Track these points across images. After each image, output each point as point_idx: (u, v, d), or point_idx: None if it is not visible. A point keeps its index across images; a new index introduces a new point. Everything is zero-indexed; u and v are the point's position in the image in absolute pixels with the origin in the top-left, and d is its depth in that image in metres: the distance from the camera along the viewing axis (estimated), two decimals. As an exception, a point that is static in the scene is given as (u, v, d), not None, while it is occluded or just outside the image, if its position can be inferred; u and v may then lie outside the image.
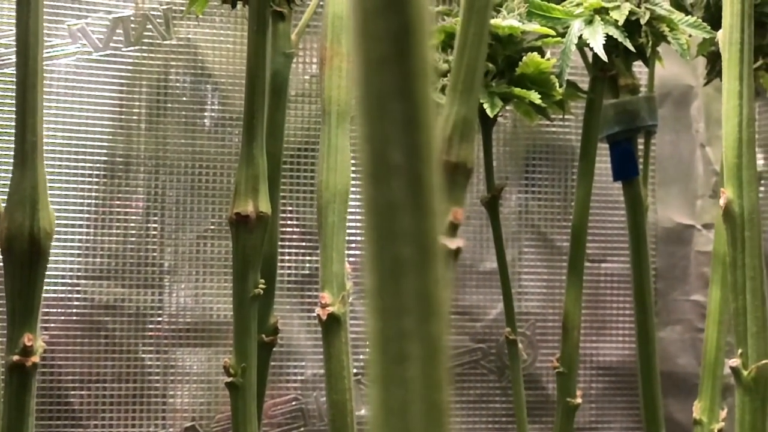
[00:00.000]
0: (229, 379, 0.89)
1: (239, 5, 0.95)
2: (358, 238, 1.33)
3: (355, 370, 1.31)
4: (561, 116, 1.06)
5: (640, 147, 1.17)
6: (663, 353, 1.43)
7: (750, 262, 0.71)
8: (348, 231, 0.84)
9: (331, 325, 0.75)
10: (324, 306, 0.75)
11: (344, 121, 0.79)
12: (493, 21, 0.92)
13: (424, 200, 0.27)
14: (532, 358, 1.40)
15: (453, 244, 0.55)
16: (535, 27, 0.93)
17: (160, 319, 1.28)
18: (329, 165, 0.78)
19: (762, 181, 1.50)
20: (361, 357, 1.29)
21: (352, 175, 0.87)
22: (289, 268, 1.32)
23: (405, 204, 0.27)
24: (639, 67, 1.04)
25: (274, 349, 1.03)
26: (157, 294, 1.28)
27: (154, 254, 1.29)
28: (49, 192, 1.18)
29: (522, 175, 1.41)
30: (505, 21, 0.92)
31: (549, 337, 1.38)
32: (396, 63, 0.27)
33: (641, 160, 1.16)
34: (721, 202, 0.72)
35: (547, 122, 1.05)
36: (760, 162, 1.49)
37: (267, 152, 0.97)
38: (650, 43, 0.96)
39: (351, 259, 0.88)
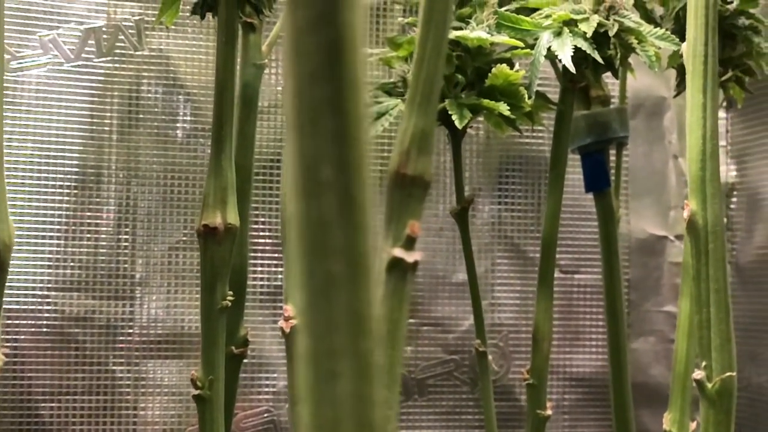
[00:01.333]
0: (197, 392, 0.89)
1: (209, 16, 0.95)
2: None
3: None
4: (533, 128, 1.06)
5: (613, 158, 1.17)
6: (636, 364, 1.43)
7: (714, 274, 0.71)
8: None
9: (295, 338, 0.75)
10: (287, 319, 0.75)
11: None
12: (461, 32, 0.92)
13: (356, 216, 0.27)
14: (505, 370, 1.40)
15: (410, 257, 0.55)
16: (503, 39, 0.93)
17: (131, 330, 1.28)
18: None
19: (735, 192, 1.50)
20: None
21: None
22: (261, 279, 1.31)
23: (336, 220, 0.27)
24: (612, 79, 1.04)
25: (246, 360, 1.02)
26: (128, 306, 1.28)
27: (125, 266, 1.28)
28: (19, 203, 1.17)
29: (495, 187, 1.41)
30: (474, 33, 0.92)
31: (522, 348, 1.38)
32: (327, 78, 0.27)
33: (613, 171, 1.16)
34: (685, 214, 0.72)
35: (521, 133, 1.05)
36: (732, 174, 1.50)
37: (237, 164, 0.97)
38: (619, 55, 0.96)
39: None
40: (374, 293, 0.28)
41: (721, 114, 1.49)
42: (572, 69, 0.92)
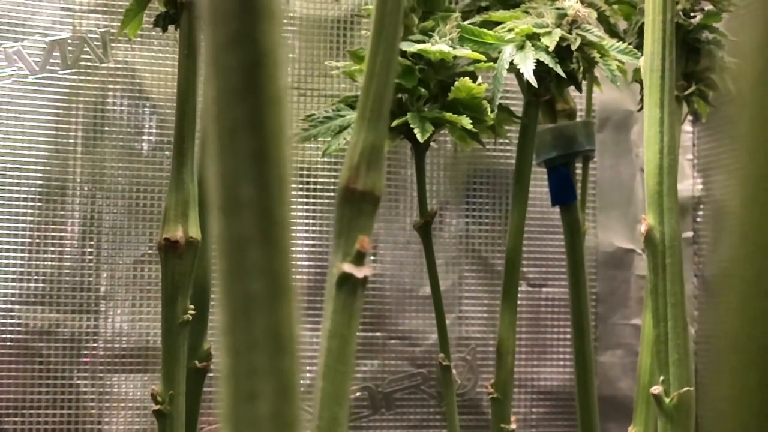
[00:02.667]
0: (157, 407, 0.89)
1: (171, 28, 0.95)
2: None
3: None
4: (501, 141, 1.06)
5: (581, 172, 1.17)
6: (603, 377, 1.43)
7: (671, 288, 0.71)
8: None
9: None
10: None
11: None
12: (423, 46, 0.92)
13: (275, 235, 0.27)
14: (473, 383, 1.39)
15: (360, 272, 0.54)
16: (466, 52, 0.93)
17: (95, 344, 1.27)
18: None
19: (701, 206, 1.50)
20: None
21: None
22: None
23: (255, 239, 0.27)
24: (579, 92, 1.05)
25: (211, 374, 1.02)
26: (93, 319, 1.27)
27: (90, 279, 1.27)
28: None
29: (463, 200, 1.41)
30: (436, 46, 0.92)
31: (490, 361, 1.38)
32: (247, 96, 0.27)
33: (580, 184, 1.16)
34: (642, 229, 0.72)
35: (488, 147, 1.05)
36: (699, 187, 1.50)
37: (201, 177, 0.97)
38: (581, 68, 0.96)
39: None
40: (295, 312, 0.27)
41: (688, 128, 1.49)
42: (534, 82, 0.92)
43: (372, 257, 1.38)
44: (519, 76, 1.02)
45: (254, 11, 0.27)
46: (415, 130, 0.91)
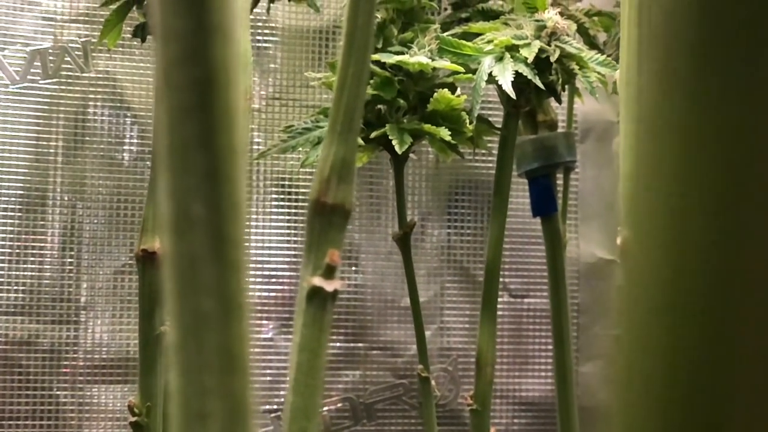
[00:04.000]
0: (134, 419, 0.88)
1: (150, 39, 0.94)
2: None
3: (275, 407, 1.30)
4: (483, 152, 1.06)
5: (562, 183, 1.17)
6: (585, 388, 1.43)
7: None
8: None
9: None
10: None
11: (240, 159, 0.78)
12: (401, 57, 0.92)
13: (228, 253, 0.27)
14: (454, 394, 1.39)
15: (330, 286, 0.54)
16: (444, 64, 0.93)
17: (75, 355, 1.27)
18: (224, 203, 0.77)
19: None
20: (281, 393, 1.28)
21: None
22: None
23: (206, 257, 0.27)
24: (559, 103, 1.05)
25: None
26: (73, 330, 1.26)
27: (70, 290, 1.27)
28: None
29: (445, 211, 1.41)
30: (414, 57, 0.92)
31: (471, 372, 1.37)
32: (198, 113, 0.27)
33: (561, 195, 1.16)
34: (618, 240, 0.72)
35: (470, 158, 1.05)
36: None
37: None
38: (561, 80, 0.96)
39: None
40: (247, 331, 0.27)
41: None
42: (512, 94, 0.92)
43: (353, 268, 1.37)
44: (499, 87, 1.02)
45: (206, 28, 0.27)
46: (394, 142, 0.91)
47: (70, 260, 1.27)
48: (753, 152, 0.16)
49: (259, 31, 1.36)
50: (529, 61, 0.93)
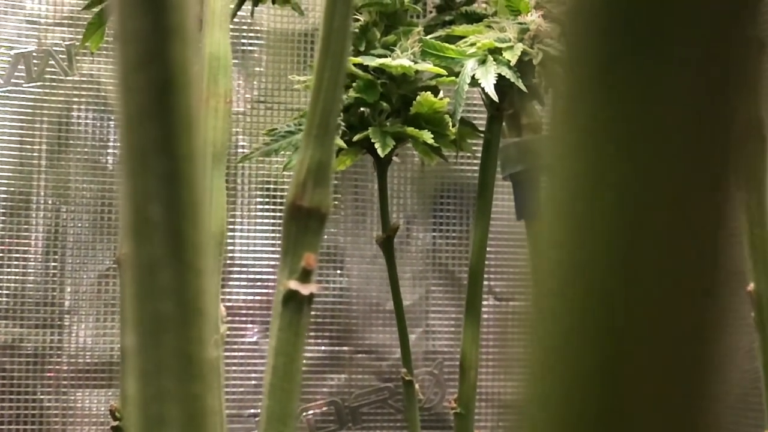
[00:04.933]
0: (115, 423, 0.88)
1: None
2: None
3: (259, 410, 1.30)
4: (467, 155, 1.06)
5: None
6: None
7: None
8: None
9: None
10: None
11: (220, 162, 0.78)
12: (384, 60, 0.92)
13: (187, 256, 0.27)
14: (440, 397, 1.39)
15: (306, 289, 0.54)
16: (427, 66, 0.92)
17: (59, 359, 1.26)
18: (204, 206, 0.77)
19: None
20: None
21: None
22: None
23: (166, 260, 0.26)
24: (542, 106, 1.05)
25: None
26: (57, 334, 1.26)
27: (54, 293, 1.26)
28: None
29: (430, 214, 1.41)
30: (397, 60, 0.91)
31: (456, 376, 1.37)
32: (157, 116, 0.26)
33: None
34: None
35: (455, 161, 1.05)
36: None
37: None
38: (544, 83, 0.96)
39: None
40: (207, 335, 0.27)
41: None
42: (495, 97, 0.92)
43: (338, 271, 1.37)
44: (482, 90, 1.02)
45: (165, 30, 0.26)
46: (376, 145, 0.91)
47: (54, 264, 1.26)
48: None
49: (244, 34, 1.36)
50: (512, 64, 0.93)
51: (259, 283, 1.33)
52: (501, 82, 0.92)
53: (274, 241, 1.34)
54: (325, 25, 0.54)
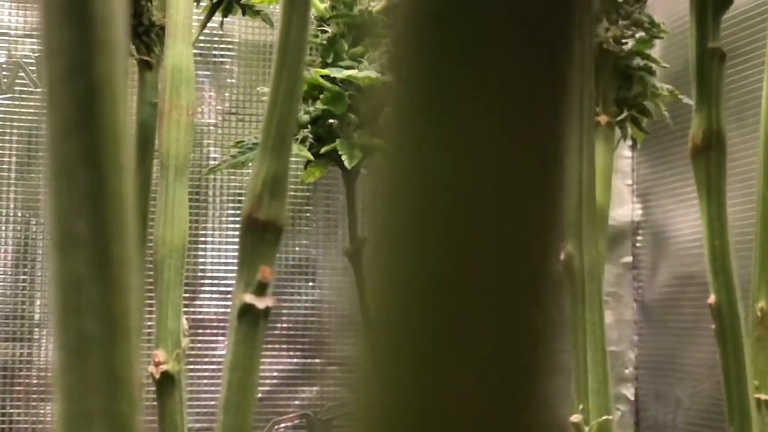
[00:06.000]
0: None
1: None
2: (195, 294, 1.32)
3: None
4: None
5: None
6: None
7: (590, 317, 0.71)
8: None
9: (165, 384, 0.73)
10: (157, 364, 0.73)
11: (182, 175, 0.78)
12: (351, 72, 0.92)
13: (113, 273, 0.26)
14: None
15: (262, 303, 0.54)
16: (394, 79, 0.92)
17: (29, 373, 1.25)
18: (166, 220, 0.76)
19: (640, 231, 1.51)
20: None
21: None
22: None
23: (91, 277, 0.26)
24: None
25: (146, 404, 1.00)
26: (26, 348, 1.25)
27: (24, 306, 1.25)
28: None
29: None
30: (364, 72, 0.91)
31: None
32: (82, 130, 0.26)
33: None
34: (561, 256, 0.72)
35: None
36: (638, 212, 1.50)
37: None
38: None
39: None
40: (134, 353, 0.27)
41: (627, 153, 1.50)
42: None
43: (310, 283, 1.37)
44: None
45: (91, 43, 0.26)
46: (343, 157, 0.90)
47: (23, 277, 1.26)
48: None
49: (216, 45, 1.35)
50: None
51: (230, 296, 1.33)
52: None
53: (246, 254, 1.33)
54: (281, 38, 0.54)
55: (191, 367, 1.25)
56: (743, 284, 0.75)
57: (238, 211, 1.34)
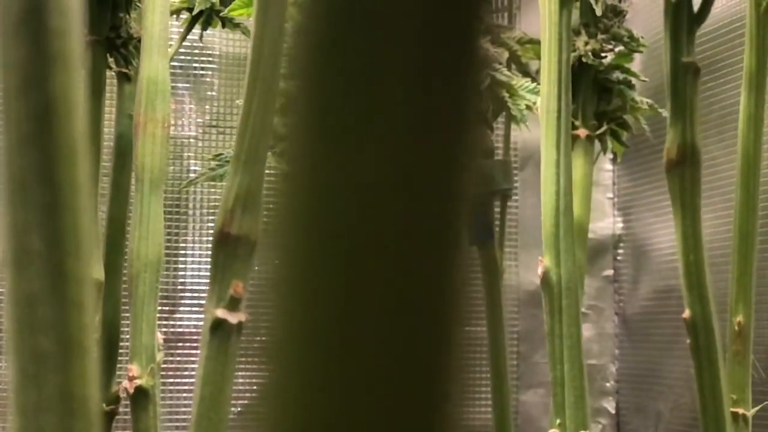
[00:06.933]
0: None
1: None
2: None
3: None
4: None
5: (499, 210, 1.16)
6: (526, 416, 1.42)
7: (567, 331, 0.71)
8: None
9: (139, 399, 0.73)
10: (131, 378, 0.73)
11: (158, 189, 0.77)
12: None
13: (68, 291, 0.26)
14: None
15: (234, 318, 0.53)
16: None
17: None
18: (141, 234, 0.76)
19: (621, 244, 1.51)
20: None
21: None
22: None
23: (45, 294, 0.26)
24: (500, 130, 1.04)
25: (119, 417, 1.00)
26: None
27: None
28: None
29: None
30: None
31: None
32: (38, 145, 0.26)
33: (498, 223, 1.16)
34: (539, 270, 0.72)
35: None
36: (619, 225, 1.50)
37: (111, 216, 0.95)
38: (491, 108, 0.96)
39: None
40: (91, 371, 0.26)
41: (608, 166, 1.50)
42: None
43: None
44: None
45: (46, 57, 0.26)
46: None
47: None
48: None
49: (196, 58, 1.35)
50: (459, 88, 0.93)
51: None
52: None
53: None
54: (254, 51, 0.54)
55: (170, 380, 1.25)
56: (723, 297, 0.75)
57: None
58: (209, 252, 1.31)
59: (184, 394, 1.28)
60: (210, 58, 1.35)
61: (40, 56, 0.26)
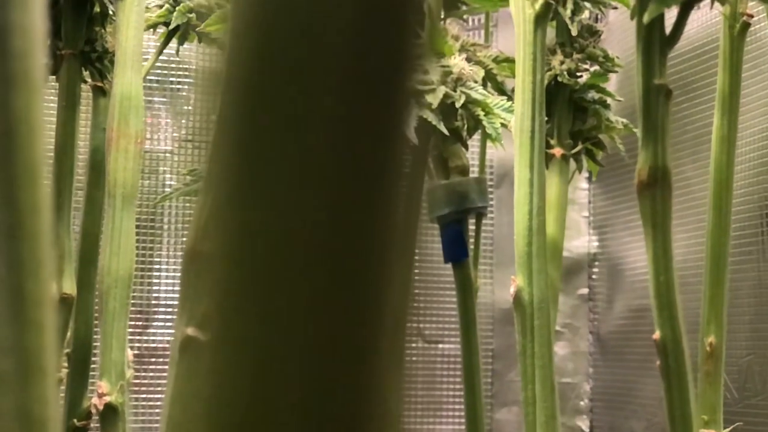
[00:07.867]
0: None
1: (51, 79, 0.93)
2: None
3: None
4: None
5: (474, 228, 1.17)
6: (500, 434, 1.42)
7: (539, 350, 0.71)
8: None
9: (108, 416, 0.72)
10: (101, 395, 0.72)
11: (129, 204, 0.77)
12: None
13: (28, 312, 0.26)
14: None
15: (205, 336, 0.53)
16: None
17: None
18: (112, 249, 0.75)
19: (596, 263, 1.51)
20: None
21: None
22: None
23: (4, 316, 0.25)
24: (474, 148, 1.05)
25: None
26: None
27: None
28: None
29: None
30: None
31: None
32: (-2, 166, 0.26)
33: (473, 241, 1.16)
34: (511, 290, 0.72)
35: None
36: (594, 244, 1.51)
37: (85, 230, 0.95)
38: (466, 126, 0.96)
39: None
40: (50, 393, 0.26)
41: (584, 185, 1.50)
42: (415, 140, 0.91)
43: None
44: (407, 132, 1.01)
45: (6, 78, 0.26)
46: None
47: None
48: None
49: (172, 72, 1.35)
50: (434, 106, 0.93)
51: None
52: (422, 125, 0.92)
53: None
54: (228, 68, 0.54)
55: (143, 396, 1.24)
56: (696, 318, 0.75)
57: (194, 239, 1.33)
58: (184, 267, 1.31)
59: (157, 410, 1.27)
60: (186, 73, 1.35)
61: (1, 78, 0.26)
